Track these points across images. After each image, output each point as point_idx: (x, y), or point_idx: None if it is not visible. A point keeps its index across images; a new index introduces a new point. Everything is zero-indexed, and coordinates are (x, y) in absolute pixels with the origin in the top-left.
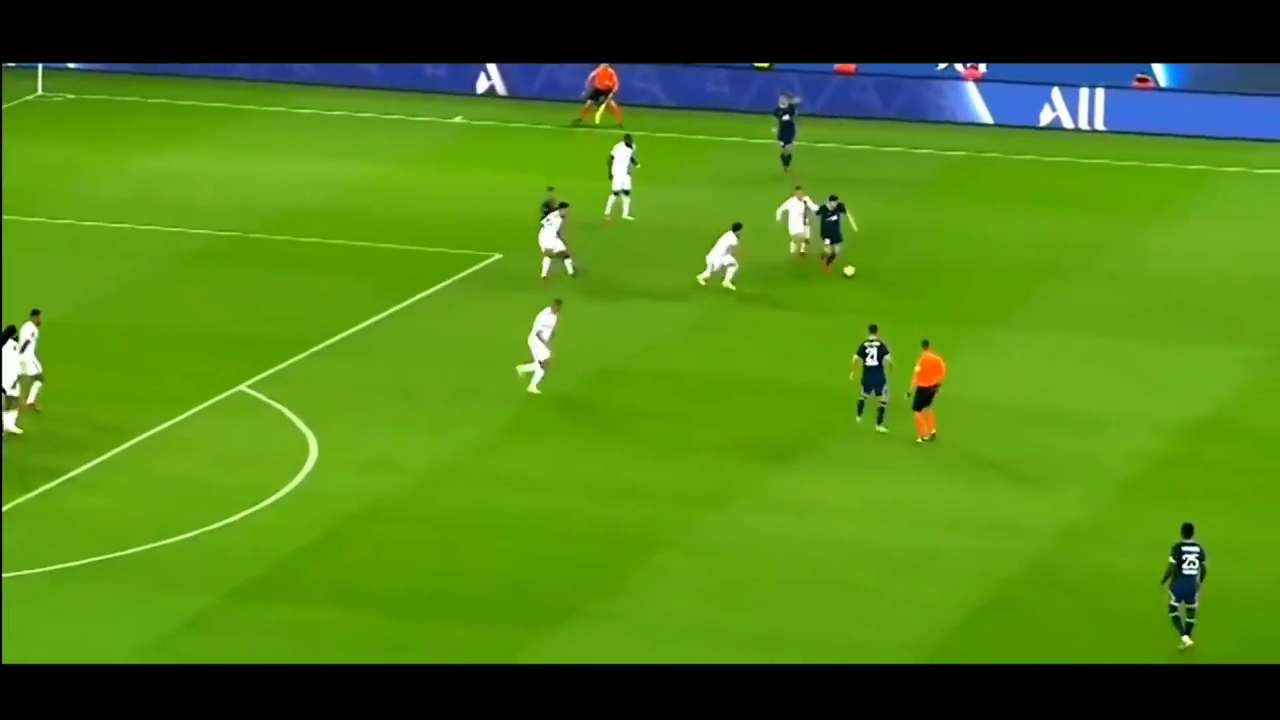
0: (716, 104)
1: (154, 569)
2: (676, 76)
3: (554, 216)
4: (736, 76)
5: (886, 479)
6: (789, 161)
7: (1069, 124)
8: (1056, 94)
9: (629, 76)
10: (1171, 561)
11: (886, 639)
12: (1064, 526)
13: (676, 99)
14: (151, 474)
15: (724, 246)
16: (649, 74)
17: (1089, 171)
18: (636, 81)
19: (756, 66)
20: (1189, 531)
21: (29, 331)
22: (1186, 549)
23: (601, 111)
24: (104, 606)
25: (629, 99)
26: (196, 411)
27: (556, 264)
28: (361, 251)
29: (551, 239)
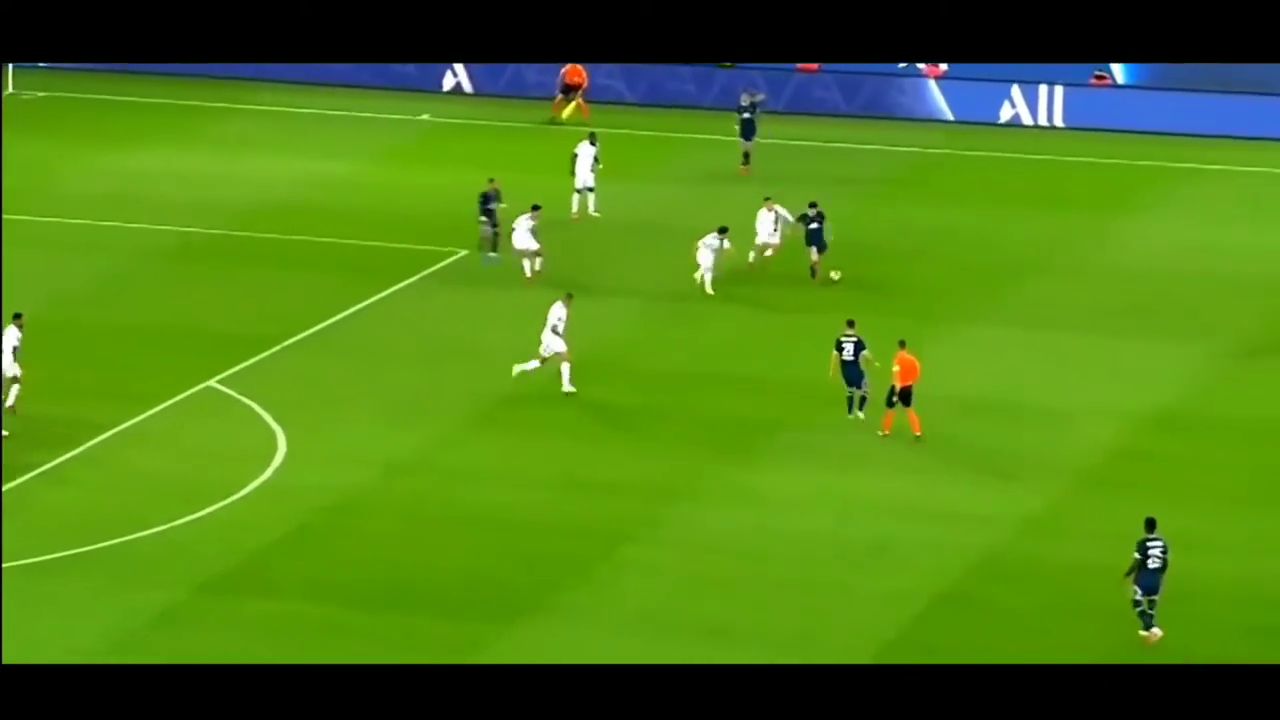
0: (681, 101)
1: (124, 563)
2: (641, 74)
3: (525, 218)
4: (701, 74)
5: (852, 472)
6: (749, 159)
7: (1028, 121)
8: (1016, 91)
9: (594, 74)
10: (1136, 556)
11: (850, 631)
12: (1023, 518)
13: (641, 96)
14: (121, 469)
15: (709, 247)
16: (614, 71)
17: (1048, 168)
18: (601, 78)
19: (720, 65)
20: (1152, 526)
21: (13, 336)
22: (1151, 543)
23: (570, 109)
24: (74, 600)
25: (594, 96)
26: (166, 407)
27: (533, 263)
28: (329, 248)
29: (525, 239)
